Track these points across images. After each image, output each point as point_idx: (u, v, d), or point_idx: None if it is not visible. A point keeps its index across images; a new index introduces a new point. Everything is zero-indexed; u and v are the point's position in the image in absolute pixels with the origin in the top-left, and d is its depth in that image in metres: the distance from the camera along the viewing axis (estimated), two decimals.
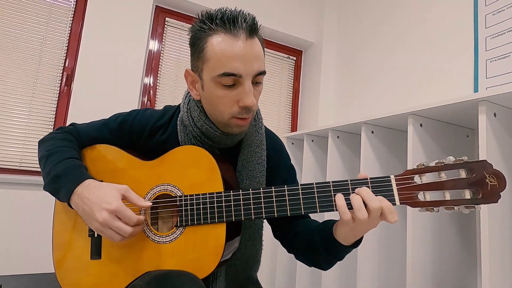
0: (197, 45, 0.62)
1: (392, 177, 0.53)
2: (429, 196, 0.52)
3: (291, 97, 2.33)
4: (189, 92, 0.74)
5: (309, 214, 0.75)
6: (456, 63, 1.40)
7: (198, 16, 0.62)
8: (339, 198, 0.53)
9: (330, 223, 0.62)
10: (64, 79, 1.63)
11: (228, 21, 0.58)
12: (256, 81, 0.63)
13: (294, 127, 2.30)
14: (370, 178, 0.54)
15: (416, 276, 1.03)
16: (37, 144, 0.74)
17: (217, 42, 0.59)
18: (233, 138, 0.70)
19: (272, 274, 1.94)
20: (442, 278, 1.10)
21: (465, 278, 1.17)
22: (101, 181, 0.69)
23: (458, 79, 1.38)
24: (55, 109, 1.61)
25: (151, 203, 0.61)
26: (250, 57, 0.59)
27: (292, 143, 1.98)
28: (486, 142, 0.88)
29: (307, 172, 1.74)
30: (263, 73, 0.62)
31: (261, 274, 0.80)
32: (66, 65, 1.65)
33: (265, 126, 0.79)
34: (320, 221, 0.70)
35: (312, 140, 1.78)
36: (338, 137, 1.57)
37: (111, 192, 0.58)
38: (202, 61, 0.62)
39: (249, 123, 0.68)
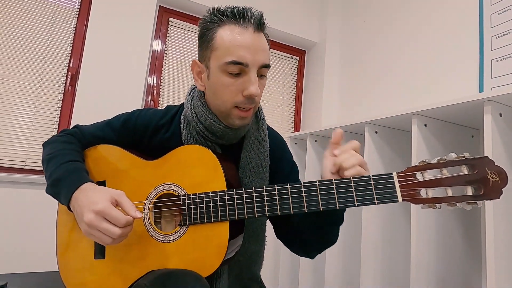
0: (206, 35, 0.65)
1: (395, 174, 0.53)
2: (431, 192, 0.52)
3: (294, 97, 2.33)
4: (192, 89, 0.75)
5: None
6: (461, 63, 1.39)
7: (209, 11, 0.66)
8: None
9: None
10: (69, 79, 1.65)
11: (238, 14, 0.62)
12: (261, 73, 0.65)
13: (297, 127, 2.30)
14: (373, 175, 0.54)
15: (420, 274, 1.02)
16: (42, 146, 0.74)
17: (226, 32, 0.62)
18: (236, 133, 0.70)
19: (275, 273, 1.94)
20: (446, 276, 1.09)
21: (470, 277, 1.15)
22: (104, 181, 0.70)
23: (463, 79, 1.37)
24: (59, 108, 1.63)
25: (142, 215, 0.59)
26: (257, 48, 0.62)
27: (295, 143, 1.97)
28: (492, 142, 0.88)
29: (310, 172, 1.74)
30: (267, 66, 0.66)
31: (264, 273, 0.80)
32: (71, 65, 1.66)
33: (267, 124, 0.79)
34: None
35: (315, 140, 1.78)
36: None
37: (100, 194, 0.57)
38: (210, 50, 0.64)
39: (251, 118, 0.69)
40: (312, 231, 0.67)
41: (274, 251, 1.96)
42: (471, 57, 1.34)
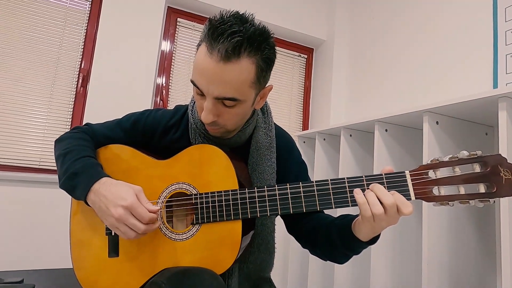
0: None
1: (407, 172, 0.54)
2: (443, 190, 0.52)
3: (303, 96, 2.32)
4: None
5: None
6: (474, 58, 1.36)
7: (208, 19, 0.63)
8: (359, 196, 0.53)
9: (348, 219, 0.62)
10: (80, 80, 1.68)
11: (212, 37, 0.57)
12: (224, 103, 0.61)
13: (305, 126, 2.29)
14: (385, 174, 0.54)
15: (432, 273, 1.01)
16: (54, 143, 0.75)
17: (199, 52, 0.61)
18: (237, 140, 0.71)
19: (284, 272, 1.94)
20: (460, 275, 1.07)
21: (484, 275, 1.13)
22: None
23: (476, 74, 1.34)
24: (72, 109, 1.66)
25: (159, 208, 0.62)
26: (214, 79, 0.58)
27: (304, 142, 1.97)
28: (507, 140, 0.86)
29: (319, 171, 1.73)
30: (229, 99, 0.60)
31: (273, 275, 0.80)
32: (82, 66, 1.69)
33: (274, 123, 0.80)
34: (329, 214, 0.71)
35: (324, 139, 1.77)
36: (350, 135, 1.55)
37: (126, 189, 0.60)
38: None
39: (228, 132, 0.68)
40: (324, 243, 0.66)
41: (284, 250, 1.96)
42: (484, 51, 1.31)
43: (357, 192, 0.54)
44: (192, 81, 0.62)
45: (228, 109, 0.62)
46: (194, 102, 0.73)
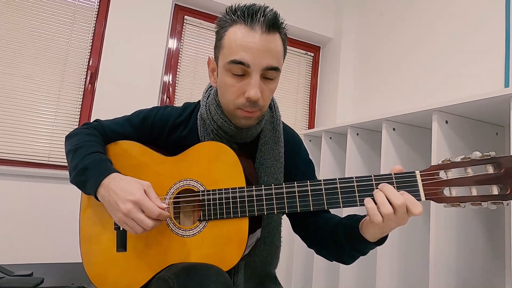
0: (218, 34, 0.66)
1: (417, 173, 0.53)
2: (455, 191, 0.51)
3: (309, 94, 2.31)
4: (209, 87, 0.76)
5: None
6: (485, 57, 1.33)
7: (226, 9, 0.66)
8: (368, 201, 0.53)
9: (355, 219, 0.62)
10: (88, 78, 1.70)
11: (248, 14, 0.61)
12: (267, 76, 0.64)
13: (311, 124, 2.28)
14: (395, 174, 0.54)
15: (439, 275, 1.00)
16: (64, 139, 0.76)
17: (234, 32, 0.62)
18: (248, 133, 0.71)
19: (289, 270, 1.94)
20: (467, 277, 1.06)
21: (493, 278, 1.12)
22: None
23: (488, 73, 1.31)
24: (80, 106, 1.68)
25: (168, 206, 0.62)
26: (262, 50, 0.61)
27: (310, 140, 1.96)
28: None
29: (325, 170, 1.72)
30: (275, 68, 0.63)
31: (278, 270, 0.80)
32: (90, 64, 1.71)
33: (282, 122, 0.79)
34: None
35: (330, 137, 1.76)
36: (357, 134, 1.54)
37: (135, 185, 0.60)
38: (219, 48, 0.66)
39: (258, 118, 0.69)
40: (330, 243, 0.66)
41: (288, 248, 1.96)
42: (496, 49, 1.29)
43: (367, 200, 0.53)
44: (234, 61, 0.61)
45: (269, 84, 0.65)
46: (209, 96, 0.73)
